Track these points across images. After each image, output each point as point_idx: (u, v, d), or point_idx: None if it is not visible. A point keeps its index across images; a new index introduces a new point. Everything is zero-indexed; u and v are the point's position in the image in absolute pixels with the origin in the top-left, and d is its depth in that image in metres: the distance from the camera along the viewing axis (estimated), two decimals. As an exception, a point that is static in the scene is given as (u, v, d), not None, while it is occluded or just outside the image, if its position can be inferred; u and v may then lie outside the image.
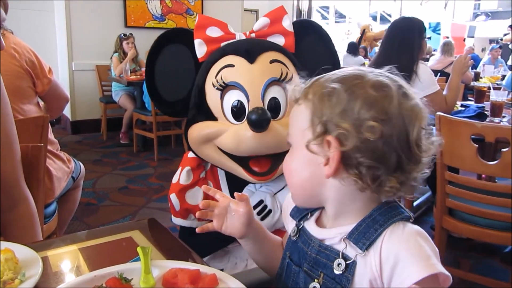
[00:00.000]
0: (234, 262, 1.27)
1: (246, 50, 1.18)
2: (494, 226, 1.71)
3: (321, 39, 1.37)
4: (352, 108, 0.61)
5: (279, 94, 1.18)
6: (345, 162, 0.63)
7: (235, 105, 1.16)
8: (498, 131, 1.67)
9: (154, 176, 3.59)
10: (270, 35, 1.29)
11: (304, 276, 0.71)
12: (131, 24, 5.17)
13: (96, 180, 3.46)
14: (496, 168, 1.65)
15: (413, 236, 0.63)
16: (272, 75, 1.17)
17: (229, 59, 1.18)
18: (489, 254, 2.40)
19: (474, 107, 2.56)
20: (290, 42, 1.29)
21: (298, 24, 1.33)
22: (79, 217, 2.72)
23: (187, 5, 5.58)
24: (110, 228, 1.03)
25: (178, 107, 1.31)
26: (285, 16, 1.29)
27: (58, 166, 1.80)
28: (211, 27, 1.27)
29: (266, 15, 1.30)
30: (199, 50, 1.26)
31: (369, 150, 0.61)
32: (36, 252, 0.80)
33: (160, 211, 2.88)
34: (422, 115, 0.64)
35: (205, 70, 1.22)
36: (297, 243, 0.74)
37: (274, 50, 1.22)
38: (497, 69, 6.14)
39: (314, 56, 1.34)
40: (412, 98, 0.64)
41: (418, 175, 0.65)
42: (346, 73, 0.66)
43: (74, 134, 5.01)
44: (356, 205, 0.67)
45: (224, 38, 1.26)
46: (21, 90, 1.71)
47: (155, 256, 0.84)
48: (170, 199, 1.24)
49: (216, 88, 1.17)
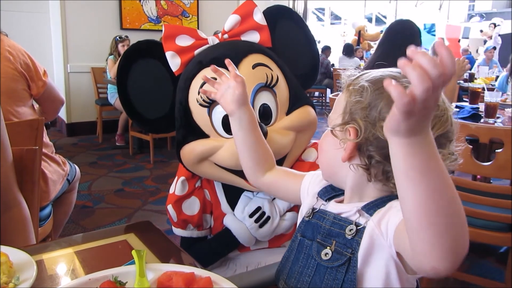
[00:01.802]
0: (233, 269, 1.26)
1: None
2: (489, 227, 1.72)
3: (292, 23, 1.29)
4: (376, 106, 0.67)
5: (269, 99, 1.13)
6: (360, 151, 0.70)
7: (225, 118, 1.09)
8: (492, 132, 1.68)
9: (150, 179, 3.59)
10: (244, 33, 1.21)
11: (317, 246, 0.75)
12: (126, 26, 5.16)
13: (92, 183, 3.45)
14: (491, 169, 1.66)
15: None
16: (258, 81, 1.11)
17: (209, 71, 1.05)
18: (484, 255, 2.41)
19: (469, 108, 2.57)
20: (265, 36, 1.21)
21: (267, 13, 1.25)
22: (75, 220, 2.71)
23: (182, 7, 5.58)
24: (105, 231, 1.03)
25: (161, 124, 1.25)
26: (255, 9, 1.20)
27: (53, 169, 1.80)
28: (180, 35, 1.19)
29: (235, 12, 1.21)
30: (173, 63, 1.18)
31: (379, 147, 0.67)
32: (30, 256, 0.80)
33: (156, 214, 2.87)
34: (442, 126, 0.66)
35: (185, 87, 1.14)
36: (311, 221, 0.80)
37: (254, 52, 1.15)
38: (491, 70, 6.17)
39: (291, 44, 1.28)
40: (438, 108, 0.66)
41: None
42: (383, 74, 0.71)
43: (70, 136, 5.00)
44: (370, 192, 0.73)
45: (196, 45, 1.19)
46: (16, 93, 1.71)
47: (150, 259, 0.84)
48: (168, 211, 1.22)
49: (200, 105, 1.11)
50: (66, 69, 4.90)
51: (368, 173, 0.70)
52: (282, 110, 1.16)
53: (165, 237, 0.99)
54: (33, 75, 1.75)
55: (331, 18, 14.16)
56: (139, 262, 0.74)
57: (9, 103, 1.68)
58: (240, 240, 1.19)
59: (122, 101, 1.22)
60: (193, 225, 1.23)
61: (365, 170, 0.70)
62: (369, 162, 0.69)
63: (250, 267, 1.24)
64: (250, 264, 1.25)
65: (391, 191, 0.71)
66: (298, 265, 0.78)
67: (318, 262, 0.74)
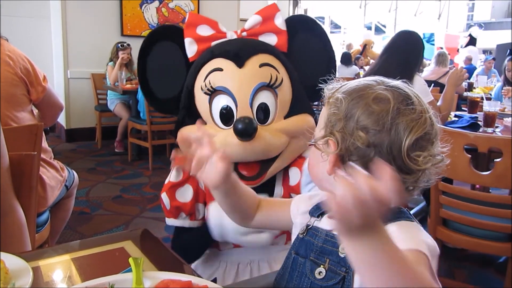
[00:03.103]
0: (224, 266, 1.27)
1: (235, 54, 1.16)
2: (488, 237, 1.72)
3: (315, 35, 1.32)
4: (353, 116, 0.67)
5: (268, 99, 1.16)
6: (343, 162, 0.69)
7: (223, 109, 1.15)
8: (491, 142, 1.68)
9: (148, 185, 3.58)
10: (262, 34, 1.25)
11: (310, 264, 0.74)
12: (127, 33, 5.18)
13: (90, 189, 3.44)
14: (490, 178, 1.66)
15: (415, 227, 0.67)
16: (261, 80, 1.14)
17: (218, 62, 1.16)
18: (483, 265, 2.40)
19: (468, 118, 2.58)
20: (283, 40, 1.26)
21: (291, 20, 1.29)
22: (72, 226, 2.69)
23: (183, 15, 5.60)
24: (102, 238, 1.03)
25: (169, 104, 1.31)
26: (278, 13, 1.25)
27: (52, 174, 1.79)
28: (202, 25, 1.25)
29: (257, 13, 1.26)
30: (190, 49, 1.25)
31: (360, 156, 0.67)
32: (26, 262, 0.79)
33: (154, 221, 2.86)
34: (420, 128, 0.65)
35: (195, 72, 1.21)
36: (304, 238, 0.78)
37: (265, 53, 1.19)
38: (489, 79, 6.19)
39: (308, 53, 1.31)
40: (414, 111, 0.66)
41: (416, 184, 0.69)
42: (359, 83, 0.72)
43: (69, 142, 4.99)
44: None
45: (214, 36, 1.24)
46: (15, 98, 1.71)
47: (147, 267, 0.83)
48: (162, 199, 1.23)
49: (204, 92, 1.16)
50: (66, 75, 4.91)
51: None
52: (281, 113, 1.18)
53: (163, 245, 0.99)
54: (32, 80, 1.75)
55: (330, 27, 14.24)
56: (136, 270, 0.74)
57: (8, 108, 1.67)
58: (212, 232, 1.18)
59: (139, 77, 1.29)
60: (186, 213, 1.22)
61: None
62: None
63: (241, 264, 1.26)
64: (242, 262, 1.26)
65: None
66: (292, 284, 0.77)
67: (312, 281, 0.73)
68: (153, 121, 3.96)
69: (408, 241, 0.62)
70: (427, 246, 0.62)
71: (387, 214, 0.49)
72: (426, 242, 0.63)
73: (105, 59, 4.78)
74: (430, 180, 0.69)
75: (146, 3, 5.30)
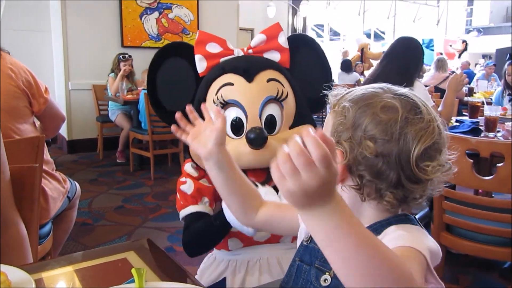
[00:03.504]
0: (233, 265, 1.30)
1: (245, 70, 1.25)
2: (492, 242, 1.71)
3: (313, 52, 1.43)
4: (360, 125, 0.67)
5: (275, 111, 1.24)
6: (350, 172, 0.68)
7: (234, 121, 1.22)
8: (492, 146, 1.68)
9: (150, 195, 3.58)
10: (267, 51, 1.34)
11: (316, 271, 0.74)
12: (127, 44, 5.21)
13: (92, 200, 3.44)
14: (492, 183, 1.65)
15: (419, 231, 0.67)
16: (269, 93, 1.23)
17: (229, 77, 1.25)
18: (488, 270, 2.39)
19: (469, 123, 2.58)
20: (285, 58, 1.35)
21: (292, 39, 1.39)
22: (75, 237, 2.69)
23: (183, 25, 5.64)
24: (105, 249, 1.02)
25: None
26: (281, 33, 1.35)
27: (54, 186, 1.79)
28: (211, 43, 1.33)
29: (262, 32, 1.36)
30: (200, 65, 1.33)
31: (368, 166, 0.66)
32: (29, 275, 0.79)
33: (156, 231, 2.85)
34: (428, 138, 0.65)
35: (206, 87, 1.28)
36: (309, 246, 0.78)
37: (271, 69, 1.28)
38: (489, 83, 6.19)
39: (307, 69, 1.41)
40: (422, 120, 0.66)
41: (424, 193, 0.68)
42: (366, 91, 0.71)
43: (70, 153, 5.00)
44: (368, 212, 0.71)
45: (223, 54, 1.32)
46: (17, 110, 1.72)
47: (149, 278, 0.83)
48: (180, 190, 1.26)
49: (216, 105, 1.23)
50: (67, 86, 4.93)
51: (360, 193, 0.68)
52: (286, 124, 1.27)
53: (166, 255, 0.99)
54: (34, 93, 1.76)
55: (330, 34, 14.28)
56: (139, 281, 0.74)
57: (10, 120, 1.68)
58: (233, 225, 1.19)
59: (148, 90, 1.36)
60: (209, 196, 1.26)
61: (356, 190, 0.68)
62: (360, 181, 0.68)
63: (251, 261, 1.29)
64: (251, 259, 1.29)
65: (387, 210, 0.69)
66: None
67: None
68: (155, 131, 3.97)
69: (406, 240, 0.62)
70: (427, 248, 0.62)
71: (330, 188, 0.50)
72: (428, 245, 0.63)
73: (105, 70, 4.81)
74: (437, 189, 0.68)
75: (146, 14, 5.34)
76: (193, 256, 1.27)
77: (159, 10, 5.42)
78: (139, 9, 5.27)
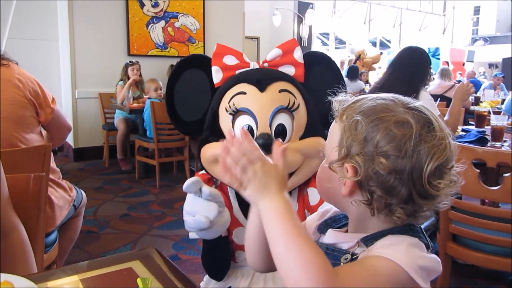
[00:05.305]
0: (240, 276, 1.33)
1: (258, 80, 1.27)
2: (499, 253, 1.69)
3: (329, 69, 1.45)
4: (372, 139, 0.65)
5: (286, 121, 1.26)
6: (361, 187, 0.67)
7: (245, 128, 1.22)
8: (499, 156, 1.67)
9: (155, 203, 3.58)
10: (282, 65, 1.37)
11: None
12: (134, 53, 5.25)
13: (98, 208, 3.45)
14: (499, 193, 1.64)
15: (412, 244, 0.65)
16: (280, 103, 1.25)
17: (242, 87, 1.28)
18: (495, 281, 2.36)
19: (475, 132, 2.57)
20: (300, 72, 1.37)
21: (308, 55, 1.41)
22: (80, 245, 2.70)
23: (189, 34, 5.67)
24: (111, 258, 1.03)
25: (193, 127, 1.42)
26: (297, 48, 1.37)
27: (60, 194, 1.80)
28: (228, 55, 1.36)
29: (279, 46, 1.38)
30: (216, 76, 1.36)
31: (380, 182, 0.65)
32: (35, 284, 0.80)
33: (162, 239, 2.86)
34: (441, 155, 0.64)
35: (220, 96, 1.31)
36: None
37: (284, 80, 1.31)
38: (496, 92, 6.17)
39: (322, 85, 1.40)
40: (435, 137, 0.65)
41: (433, 207, 0.68)
42: (377, 103, 0.69)
43: (77, 161, 5.02)
44: (373, 224, 0.70)
45: (239, 66, 1.35)
46: (24, 119, 1.73)
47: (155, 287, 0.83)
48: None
49: (229, 113, 1.26)
50: (74, 95, 4.97)
51: (370, 208, 0.68)
52: (297, 134, 1.29)
53: (171, 264, 0.98)
54: (41, 102, 1.78)
55: (335, 43, 14.32)
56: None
57: (17, 130, 1.70)
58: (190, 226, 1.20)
59: (167, 101, 1.40)
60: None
61: (367, 205, 0.68)
62: (370, 197, 0.67)
63: (256, 273, 1.31)
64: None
65: (394, 222, 0.69)
66: None
67: None
68: (160, 139, 3.98)
69: (389, 252, 0.62)
70: (415, 263, 0.61)
71: (279, 182, 0.66)
72: (417, 260, 0.62)
73: (112, 78, 4.84)
74: (445, 201, 0.68)
75: (153, 23, 5.38)
76: (217, 277, 1.33)
77: (165, 19, 5.47)
78: (145, 18, 5.32)
